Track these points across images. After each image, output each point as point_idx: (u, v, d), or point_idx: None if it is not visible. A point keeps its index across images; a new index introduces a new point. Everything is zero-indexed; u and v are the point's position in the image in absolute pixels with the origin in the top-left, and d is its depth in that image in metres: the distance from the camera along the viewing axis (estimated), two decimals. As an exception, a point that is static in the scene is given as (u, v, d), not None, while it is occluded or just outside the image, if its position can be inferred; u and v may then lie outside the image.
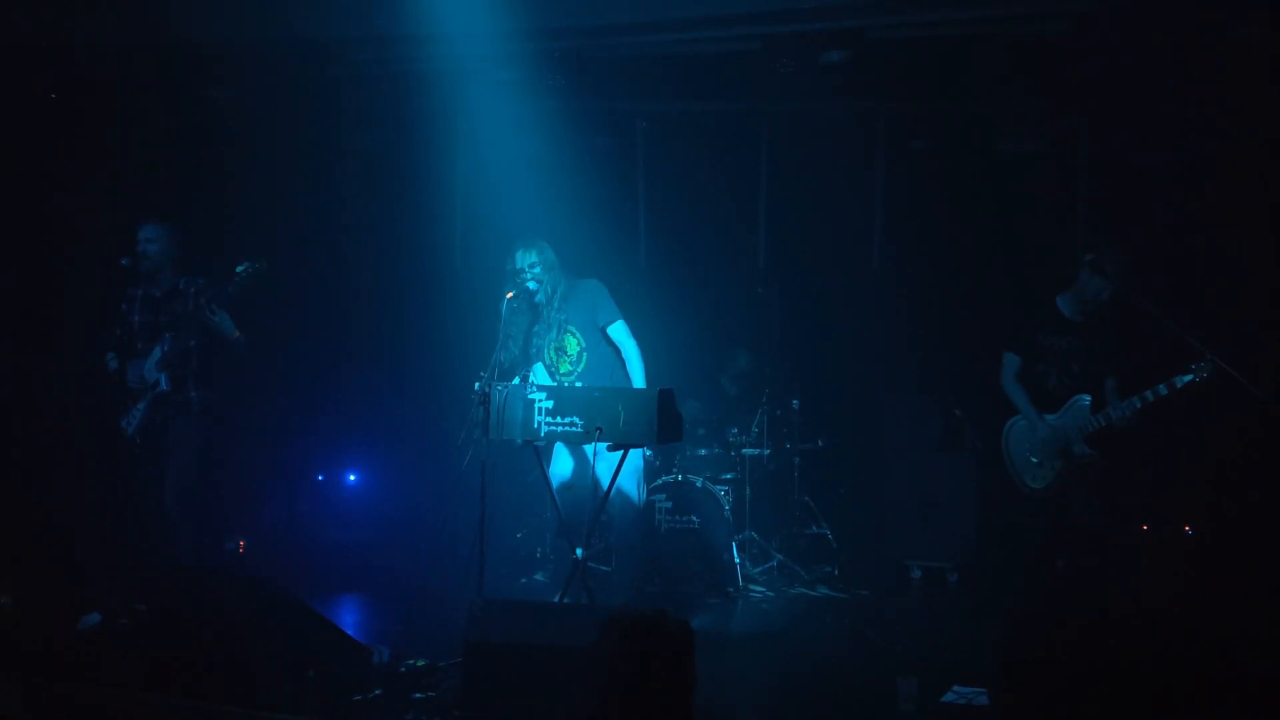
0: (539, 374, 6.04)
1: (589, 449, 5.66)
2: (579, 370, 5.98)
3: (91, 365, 6.32)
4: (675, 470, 7.08)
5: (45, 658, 5.09)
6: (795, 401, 7.54)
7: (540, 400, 5.37)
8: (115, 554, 6.14)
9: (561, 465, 6.03)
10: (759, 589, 6.97)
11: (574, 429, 5.34)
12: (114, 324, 6.10)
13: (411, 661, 5.05)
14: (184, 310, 5.98)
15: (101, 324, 6.23)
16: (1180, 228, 6.77)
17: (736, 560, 6.97)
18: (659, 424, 5.27)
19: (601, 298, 5.92)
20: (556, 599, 5.60)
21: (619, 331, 5.89)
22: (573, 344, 5.98)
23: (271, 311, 6.90)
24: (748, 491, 7.26)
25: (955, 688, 4.92)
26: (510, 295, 5.54)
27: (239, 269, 5.79)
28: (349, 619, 6.28)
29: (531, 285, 5.78)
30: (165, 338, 5.96)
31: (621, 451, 5.57)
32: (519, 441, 5.46)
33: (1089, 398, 5.79)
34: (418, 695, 4.76)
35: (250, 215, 7.46)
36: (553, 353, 6.01)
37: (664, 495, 6.99)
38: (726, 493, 7.06)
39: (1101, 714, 4.24)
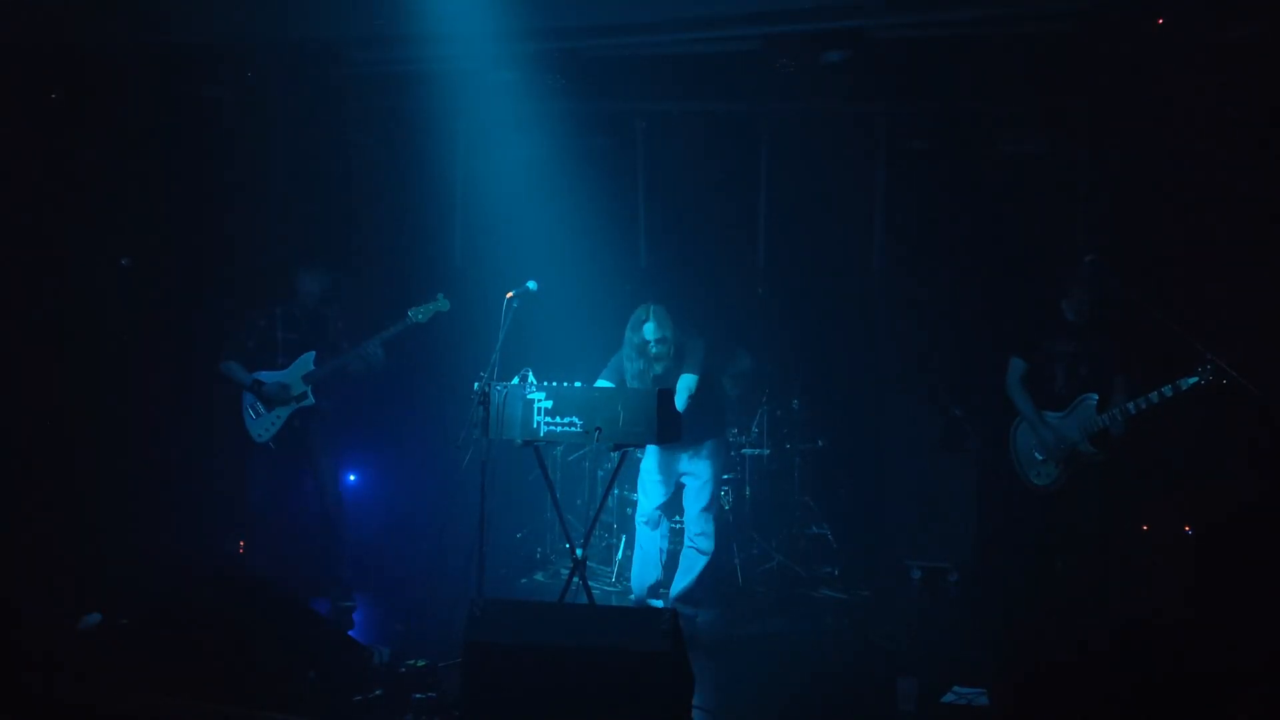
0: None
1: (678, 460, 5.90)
2: None
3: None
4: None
5: (45, 658, 5.09)
6: (795, 401, 7.54)
7: (540, 400, 5.37)
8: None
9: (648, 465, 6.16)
10: (759, 589, 6.97)
11: (573, 429, 5.34)
12: (245, 336, 6.44)
13: (411, 661, 5.05)
14: (326, 333, 6.46)
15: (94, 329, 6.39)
16: (1180, 228, 6.76)
17: (736, 560, 6.97)
18: (659, 424, 5.27)
19: (696, 355, 5.91)
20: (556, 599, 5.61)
21: (686, 382, 5.79)
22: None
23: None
24: (748, 491, 7.26)
25: (955, 688, 4.93)
26: (510, 295, 5.54)
27: (414, 317, 6.24)
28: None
29: (655, 351, 5.86)
30: (309, 355, 6.37)
31: (620, 453, 5.58)
32: (519, 441, 5.46)
33: (1096, 397, 5.79)
34: (418, 695, 4.76)
35: (249, 214, 7.47)
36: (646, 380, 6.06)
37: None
38: (726, 493, 7.06)
39: (1101, 714, 4.24)
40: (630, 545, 6.72)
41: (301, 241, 7.30)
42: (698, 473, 6.02)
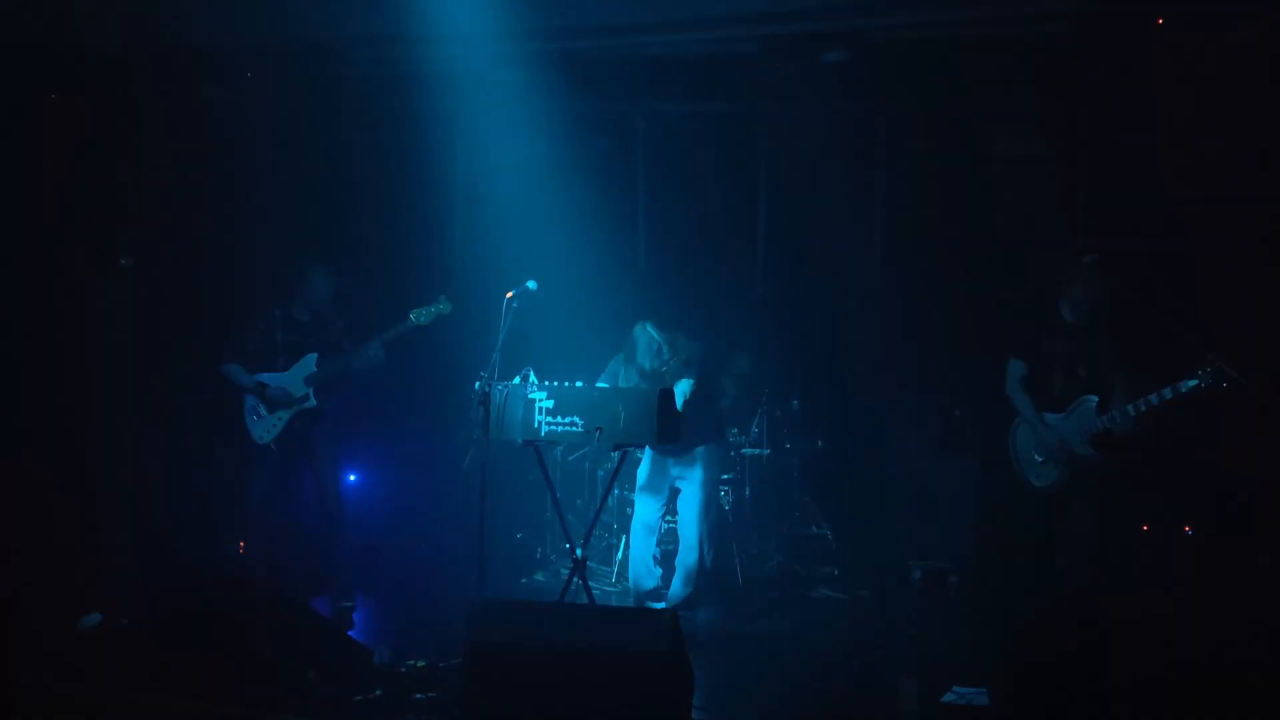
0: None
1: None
2: None
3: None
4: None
5: (45, 658, 5.09)
6: (795, 401, 7.54)
7: (540, 400, 5.38)
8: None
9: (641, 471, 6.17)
10: (759, 589, 6.96)
11: (574, 429, 5.34)
12: (246, 339, 6.38)
13: (411, 662, 5.06)
14: (327, 334, 6.40)
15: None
16: (1180, 228, 6.76)
17: (736, 560, 6.97)
18: (659, 424, 5.27)
19: (693, 360, 5.94)
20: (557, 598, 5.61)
21: (682, 387, 5.80)
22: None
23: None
24: (748, 491, 7.26)
25: (955, 688, 4.93)
26: (510, 295, 5.55)
27: (416, 319, 6.19)
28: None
29: (668, 368, 5.90)
30: (311, 357, 6.32)
31: (620, 453, 5.59)
32: (519, 441, 5.46)
33: (1095, 399, 5.79)
34: (418, 695, 4.77)
35: (249, 215, 7.47)
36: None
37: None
38: (726, 493, 7.06)
39: (1100, 713, 4.24)
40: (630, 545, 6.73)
41: (302, 242, 7.30)
42: (692, 478, 6.02)
